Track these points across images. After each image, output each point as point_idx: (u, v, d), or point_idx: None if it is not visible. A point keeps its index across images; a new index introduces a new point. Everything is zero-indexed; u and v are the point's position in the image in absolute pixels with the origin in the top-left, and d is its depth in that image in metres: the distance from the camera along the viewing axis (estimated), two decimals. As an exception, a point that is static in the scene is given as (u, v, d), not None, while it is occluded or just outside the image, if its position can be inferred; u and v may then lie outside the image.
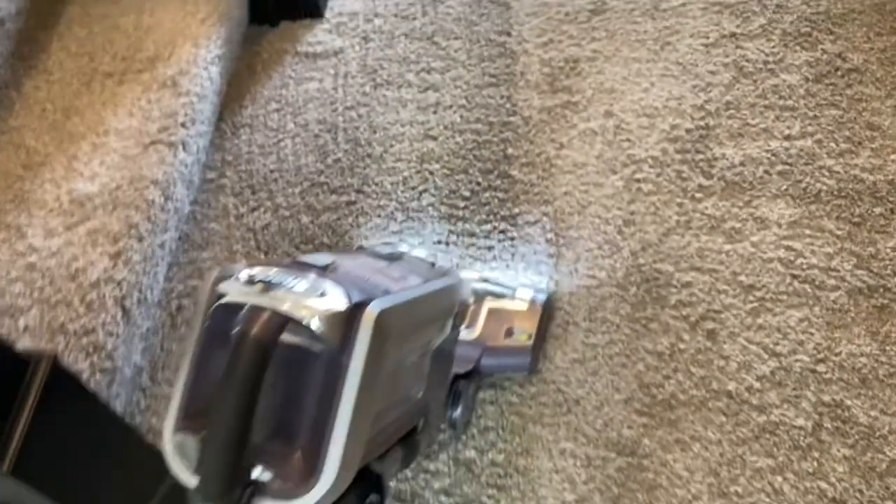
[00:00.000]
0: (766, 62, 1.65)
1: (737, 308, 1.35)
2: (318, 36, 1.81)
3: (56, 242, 1.29)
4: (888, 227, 1.41)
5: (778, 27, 1.71)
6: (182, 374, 0.83)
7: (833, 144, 1.52)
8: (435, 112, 1.65)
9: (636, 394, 1.28)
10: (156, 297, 1.40)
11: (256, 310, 0.76)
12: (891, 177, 1.47)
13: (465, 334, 1.21)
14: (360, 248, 1.43)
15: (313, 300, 0.78)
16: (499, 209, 1.51)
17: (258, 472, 0.77)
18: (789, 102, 1.59)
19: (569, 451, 1.24)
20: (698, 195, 1.48)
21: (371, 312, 0.78)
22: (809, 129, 1.55)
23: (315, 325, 0.76)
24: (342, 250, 1.44)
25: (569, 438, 1.25)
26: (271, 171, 1.60)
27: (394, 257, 1.13)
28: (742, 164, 1.51)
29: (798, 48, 1.67)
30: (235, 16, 1.67)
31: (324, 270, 0.85)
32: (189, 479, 0.78)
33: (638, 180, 1.51)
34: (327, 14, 1.85)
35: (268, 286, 0.78)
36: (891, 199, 1.44)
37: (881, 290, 1.35)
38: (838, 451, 1.20)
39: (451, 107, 1.65)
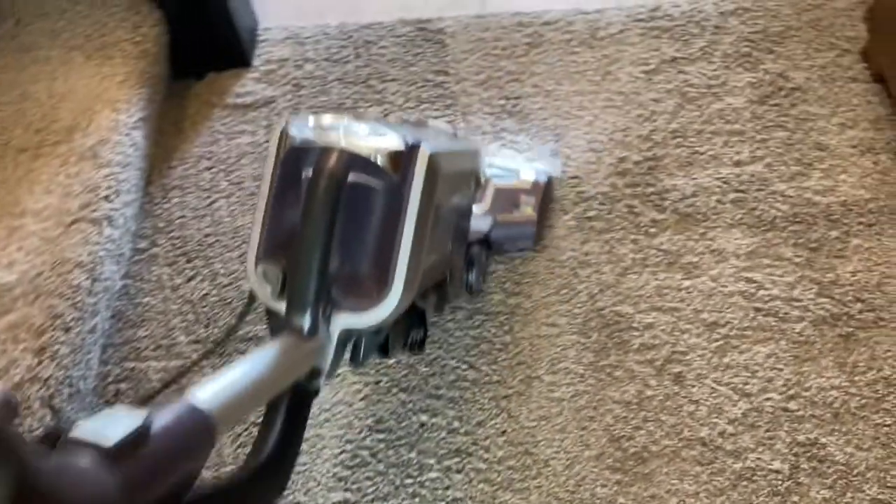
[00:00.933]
0: (709, 86, 1.62)
1: (702, 348, 1.31)
2: (247, 86, 1.73)
3: (-27, 341, 1.18)
4: (845, 250, 1.39)
5: (718, 49, 1.68)
6: (259, 212, 0.92)
7: (783, 167, 1.50)
8: (375, 160, 1.58)
9: (607, 448, 1.22)
10: (90, 385, 1.30)
11: (328, 149, 0.86)
12: (843, 198, 1.45)
13: (475, 209, 1.28)
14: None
15: (376, 139, 0.89)
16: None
17: (335, 292, 0.89)
18: (736, 126, 1.56)
19: (542, 518, 1.18)
20: (652, 230, 1.44)
21: (425, 151, 0.89)
22: (759, 152, 1.52)
23: (381, 160, 0.87)
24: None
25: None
26: (206, 236, 1.51)
27: (420, 123, 1.25)
28: (694, 194, 1.48)
29: (740, 69, 1.65)
30: (156, 73, 1.58)
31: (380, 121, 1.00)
32: (272, 301, 0.90)
33: (589, 218, 1.47)
34: (255, 62, 1.77)
35: (336, 129, 0.89)
36: (845, 221, 1.42)
37: (844, 317, 1.32)
38: (817, 493, 1.16)
39: (391, 154, 1.59)
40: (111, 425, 0.61)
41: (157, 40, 1.58)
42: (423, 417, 1.28)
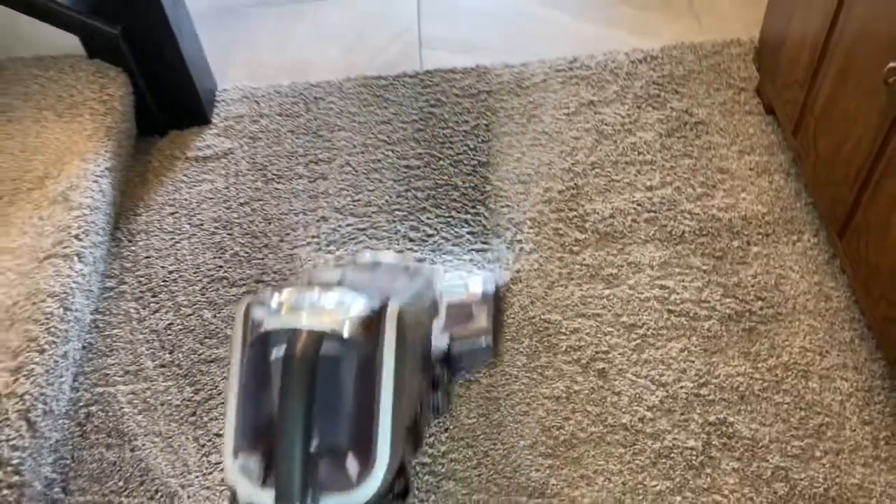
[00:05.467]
0: (623, 124, 1.82)
1: (622, 347, 1.45)
2: (207, 140, 1.89)
3: (-47, 364, 1.29)
4: (746, 257, 1.56)
5: (630, 92, 1.89)
6: (231, 402, 0.92)
7: (690, 190, 1.68)
8: (326, 198, 1.74)
9: (539, 438, 1.35)
10: (62, 407, 1.40)
11: (297, 332, 0.86)
12: (743, 213, 1.63)
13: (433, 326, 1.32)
14: (339, 261, 1.58)
15: (342, 310, 0.89)
16: (394, 283, 1.59)
17: (320, 474, 0.87)
18: (647, 157, 1.74)
19: (482, 502, 1.29)
20: (576, 248, 1.60)
21: (393, 309, 0.90)
22: (668, 178, 1.70)
23: (349, 331, 0.87)
24: (335, 262, 1.58)
25: (481, 490, 1.30)
26: (170, 273, 1.64)
27: (375, 266, 1.27)
28: (612, 216, 1.65)
29: (650, 108, 1.84)
30: (123, 129, 1.73)
31: (340, 285, 0.97)
32: (255, 495, 0.88)
33: (520, 241, 1.62)
34: (214, 119, 1.94)
35: (300, 308, 0.88)
36: (745, 232, 1.59)
37: (747, 314, 1.48)
38: (727, 464, 1.29)
39: (339, 192, 1.74)
40: None
41: (122, 100, 1.74)
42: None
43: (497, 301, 1.47)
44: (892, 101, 1.19)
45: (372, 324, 0.89)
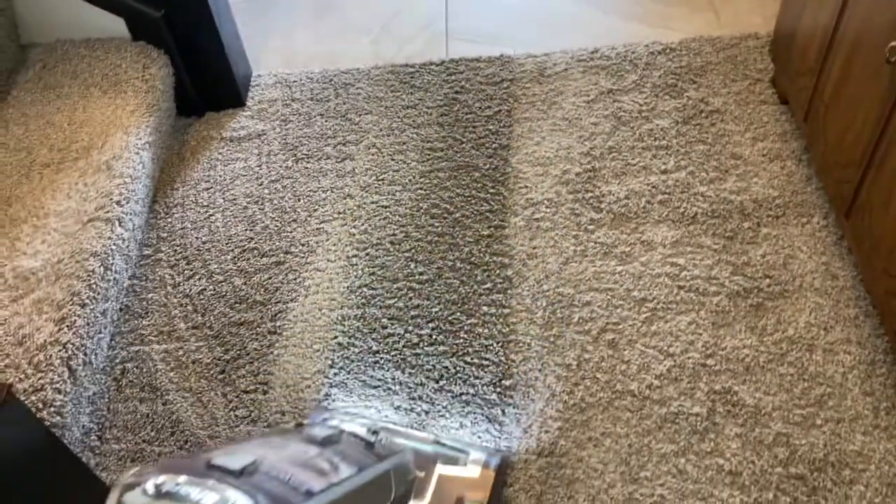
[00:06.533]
0: (640, 111, 1.88)
1: (632, 319, 1.51)
2: (242, 122, 1.98)
3: (2, 314, 1.38)
4: (756, 238, 1.61)
5: (648, 81, 1.95)
6: None
7: (704, 174, 1.73)
8: (352, 177, 1.82)
9: (550, 402, 1.41)
10: (100, 362, 1.49)
11: None
12: (755, 196, 1.68)
13: None
14: (299, 427, 1.28)
15: None
16: (405, 252, 1.66)
17: None
18: (663, 143, 1.80)
19: (493, 458, 1.35)
20: (591, 227, 1.66)
21: None
22: (682, 163, 1.76)
23: None
24: (275, 433, 1.29)
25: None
26: (204, 243, 1.72)
27: (330, 440, 1.06)
28: (627, 197, 1.70)
29: (667, 97, 1.90)
30: (163, 107, 1.83)
31: (240, 475, 0.82)
32: None
33: (537, 219, 1.69)
34: (248, 102, 2.03)
35: (174, 499, 0.75)
36: (756, 214, 1.64)
37: (755, 291, 1.52)
38: (731, 430, 1.34)
39: (365, 171, 1.82)
40: None
41: (163, 80, 1.84)
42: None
43: (498, 480, 1.28)
44: (894, 79, 1.24)
45: None
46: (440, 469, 1.25)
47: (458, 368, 1.47)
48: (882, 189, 1.32)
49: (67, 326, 1.37)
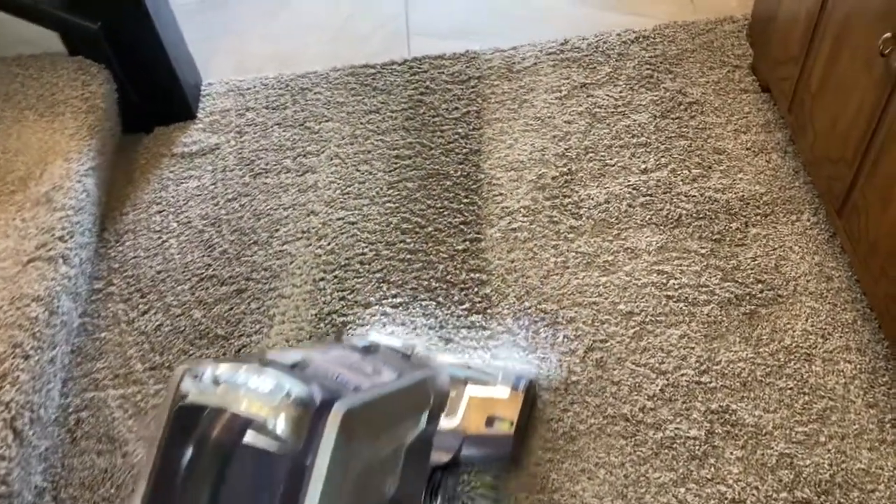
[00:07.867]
0: (616, 106, 1.78)
1: (620, 335, 1.42)
2: (193, 136, 1.86)
3: (-65, 374, 1.26)
4: (745, 239, 1.52)
5: (622, 73, 1.85)
6: (141, 483, 0.80)
7: (686, 171, 1.64)
8: (315, 191, 1.70)
9: (539, 430, 1.32)
10: (51, 414, 1.37)
11: (218, 411, 0.76)
12: (741, 193, 1.59)
13: (444, 423, 1.16)
14: (337, 341, 1.37)
15: (277, 400, 0.76)
16: (376, 273, 1.56)
17: None
18: (642, 139, 1.71)
19: (481, 498, 1.27)
20: (570, 236, 1.57)
21: (337, 412, 0.76)
22: (663, 160, 1.67)
23: (279, 426, 0.74)
24: (317, 343, 1.40)
25: (480, 486, 1.28)
26: (158, 273, 1.61)
27: (369, 350, 1.09)
28: (607, 201, 1.61)
29: (643, 90, 1.81)
30: (106, 127, 1.70)
31: (292, 368, 0.84)
32: None
33: (514, 230, 1.59)
34: (199, 114, 1.90)
35: (232, 386, 0.77)
36: (743, 213, 1.56)
37: (747, 297, 1.45)
38: (731, 453, 1.27)
39: (329, 184, 1.71)
40: None
41: (105, 97, 1.71)
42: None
43: (527, 401, 1.30)
44: (888, 73, 1.15)
45: (310, 422, 0.75)
46: (470, 390, 1.28)
47: (438, 400, 1.37)
48: (878, 187, 1.24)
49: (10, 384, 1.25)
